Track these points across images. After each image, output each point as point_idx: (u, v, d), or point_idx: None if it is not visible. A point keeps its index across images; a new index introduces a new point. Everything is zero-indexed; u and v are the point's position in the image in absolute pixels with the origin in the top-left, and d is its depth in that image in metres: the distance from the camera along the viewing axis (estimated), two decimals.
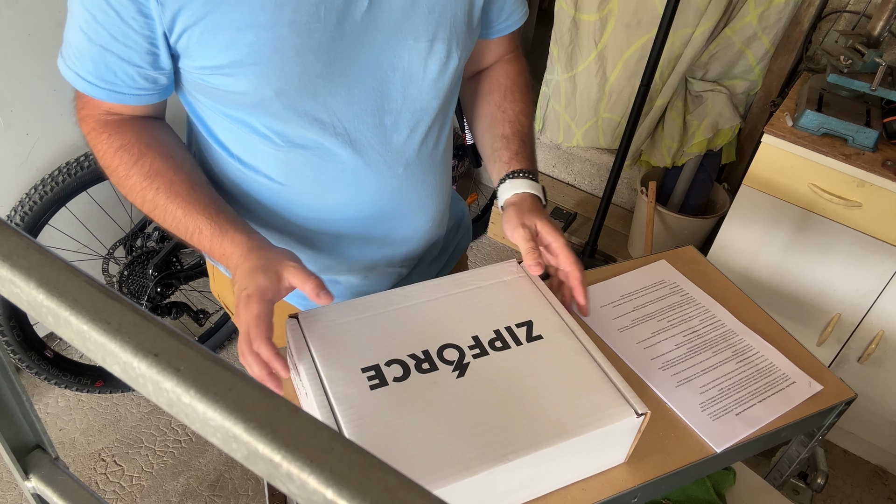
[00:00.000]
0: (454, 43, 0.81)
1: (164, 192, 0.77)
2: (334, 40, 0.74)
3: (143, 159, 0.78)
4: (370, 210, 0.88)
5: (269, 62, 0.72)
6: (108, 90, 0.75)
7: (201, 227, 0.77)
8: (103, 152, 0.79)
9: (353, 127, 0.81)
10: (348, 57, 0.76)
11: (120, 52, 0.71)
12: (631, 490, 0.72)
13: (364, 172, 0.84)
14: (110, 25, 0.69)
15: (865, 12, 1.82)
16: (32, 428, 0.43)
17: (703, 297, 0.97)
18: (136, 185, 0.78)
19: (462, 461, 0.62)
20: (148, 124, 0.81)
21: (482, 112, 0.98)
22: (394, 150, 0.85)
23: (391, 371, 0.70)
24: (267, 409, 0.24)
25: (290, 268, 0.72)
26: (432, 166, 0.91)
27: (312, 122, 0.78)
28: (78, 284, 0.27)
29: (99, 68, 0.72)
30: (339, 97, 0.78)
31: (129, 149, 0.78)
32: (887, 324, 1.68)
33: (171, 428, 1.87)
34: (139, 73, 0.73)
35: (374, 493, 0.21)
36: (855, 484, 1.90)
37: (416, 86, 0.82)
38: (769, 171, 1.66)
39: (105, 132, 0.79)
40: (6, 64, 1.55)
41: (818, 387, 0.86)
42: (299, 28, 0.71)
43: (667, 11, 1.67)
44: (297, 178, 0.84)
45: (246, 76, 0.72)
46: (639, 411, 0.68)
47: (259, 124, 0.79)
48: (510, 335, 0.76)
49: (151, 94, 0.77)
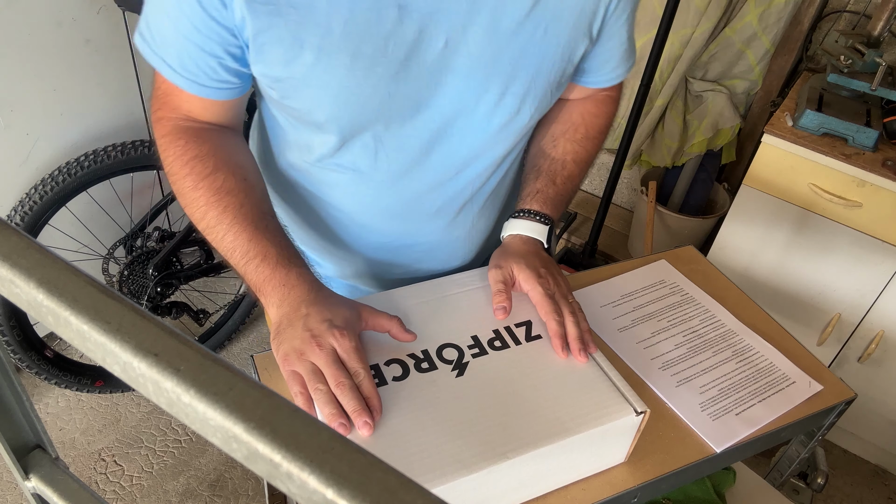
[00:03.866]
0: (529, 99, 0.75)
1: (231, 212, 0.73)
2: (398, 77, 0.69)
3: (217, 174, 0.74)
4: (391, 235, 0.87)
5: (324, 87, 0.69)
6: (191, 80, 0.71)
7: (266, 252, 0.72)
8: (175, 158, 0.75)
9: (395, 158, 0.78)
10: (410, 94, 0.71)
11: (202, 43, 0.68)
12: (631, 490, 0.72)
13: (392, 200, 0.83)
14: (194, 16, 0.66)
15: (865, 12, 1.82)
16: (32, 428, 0.43)
17: (703, 297, 0.97)
18: (201, 198, 0.74)
19: (461, 460, 0.62)
20: (227, 140, 0.78)
21: (536, 137, 0.92)
22: (430, 188, 0.82)
23: (390, 370, 0.70)
24: (267, 409, 0.24)
25: (369, 309, 0.70)
26: (475, 209, 0.88)
27: (356, 146, 0.76)
28: (78, 284, 0.27)
29: (182, 57, 0.69)
30: (391, 129, 0.75)
31: (203, 160, 0.74)
32: (887, 324, 1.68)
33: (171, 428, 1.87)
34: (221, 64, 0.70)
35: (374, 493, 0.21)
36: (855, 484, 1.90)
37: (476, 135, 0.77)
38: (769, 171, 1.66)
39: (182, 139, 0.75)
40: (6, 64, 1.55)
41: (818, 387, 0.86)
42: (363, 59, 0.67)
43: (667, 11, 1.67)
44: (333, 192, 0.84)
45: (300, 95, 0.71)
46: (638, 410, 0.68)
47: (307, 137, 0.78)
48: (509, 335, 0.76)
49: (233, 88, 0.74)
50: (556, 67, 0.75)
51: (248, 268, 0.72)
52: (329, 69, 0.67)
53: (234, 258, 0.73)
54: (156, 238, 1.76)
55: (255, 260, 0.72)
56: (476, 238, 0.93)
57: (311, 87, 0.69)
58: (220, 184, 0.74)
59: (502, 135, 0.79)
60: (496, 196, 0.90)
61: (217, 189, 0.74)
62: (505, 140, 0.80)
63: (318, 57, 0.67)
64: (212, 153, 0.75)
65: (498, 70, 0.72)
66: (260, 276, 0.71)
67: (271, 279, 0.71)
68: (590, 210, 2.52)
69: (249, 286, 0.73)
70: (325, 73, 0.68)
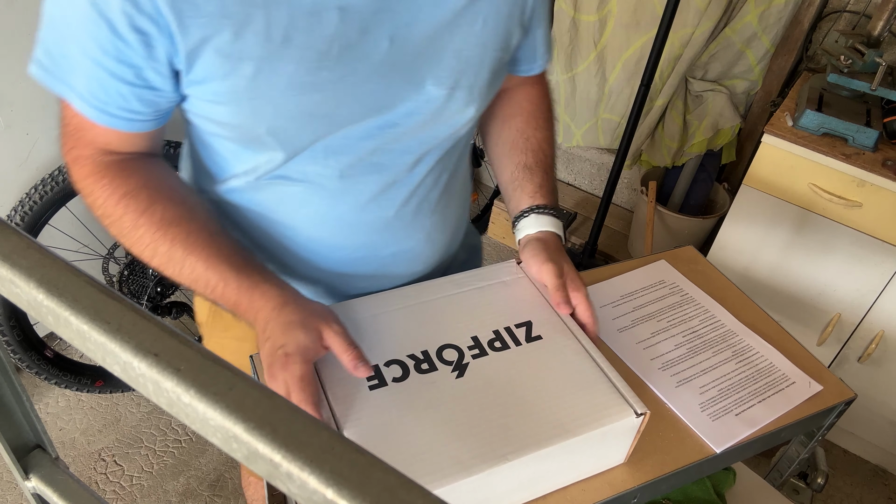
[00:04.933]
0: (476, 91, 0.76)
1: (180, 244, 0.70)
2: (344, 79, 0.67)
3: (154, 206, 0.70)
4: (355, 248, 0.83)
5: (266, 98, 0.65)
6: (102, 111, 0.66)
7: (227, 278, 0.70)
8: (104, 200, 0.70)
9: (346, 162, 0.75)
10: (358, 97, 0.69)
11: (114, 68, 0.63)
12: (630, 490, 0.72)
13: (351, 210, 0.79)
14: (103, 39, 0.61)
15: (865, 12, 1.82)
16: (32, 428, 0.43)
17: (703, 298, 0.97)
18: (145, 235, 0.70)
19: (461, 461, 0.62)
20: (152, 167, 0.74)
21: (503, 136, 0.93)
22: (386, 191, 0.80)
23: (390, 371, 0.70)
24: (267, 409, 0.24)
25: (332, 332, 0.68)
26: (433, 207, 0.86)
27: (306, 160, 0.73)
28: (78, 284, 0.27)
29: (91, 85, 0.64)
30: (339, 135, 0.72)
31: (135, 195, 0.70)
32: (887, 324, 1.68)
33: (171, 428, 1.87)
34: (133, 93, 0.65)
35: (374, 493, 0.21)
36: (855, 484, 1.90)
37: (428, 131, 0.76)
38: (769, 171, 1.66)
39: (106, 177, 0.70)
40: (6, 64, 1.55)
41: (818, 387, 0.86)
42: (307, 64, 0.65)
43: (667, 11, 1.67)
44: (282, 207, 0.79)
45: (241, 110, 0.67)
46: (638, 411, 0.68)
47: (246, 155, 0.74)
48: (509, 335, 0.75)
49: (145, 120, 0.69)
50: (497, 57, 0.76)
51: (215, 295, 0.71)
52: (271, 78, 0.64)
53: (198, 289, 0.71)
54: None
55: (217, 287, 0.70)
56: (437, 240, 0.90)
57: (254, 100, 0.66)
58: (160, 216, 0.70)
59: (452, 128, 0.78)
60: (450, 194, 0.89)
61: (158, 222, 0.70)
62: (455, 133, 0.80)
63: (259, 67, 0.63)
64: (143, 185, 0.71)
65: (444, 64, 0.72)
66: (228, 301, 0.71)
67: (238, 303, 0.70)
68: (590, 210, 2.52)
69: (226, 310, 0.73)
70: (267, 84, 0.65)
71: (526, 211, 0.87)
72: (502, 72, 0.80)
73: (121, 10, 0.59)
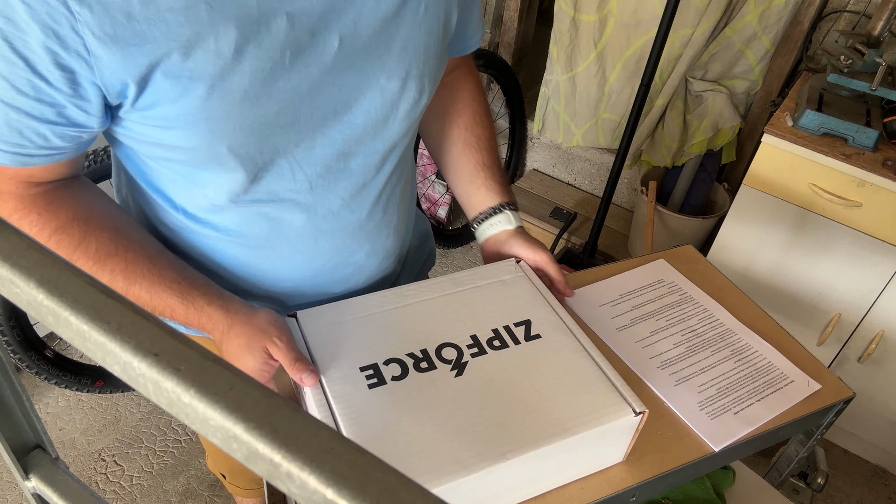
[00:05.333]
0: (426, 79, 0.75)
1: (120, 275, 0.69)
2: (300, 86, 0.66)
3: (87, 239, 0.68)
4: (330, 256, 0.82)
5: (224, 117, 0.63)
6: (15, 154, 0.62)
7: (173, 306, 0.70)
8: (34, 235, 0.67)
9: (314, 173, 0.73)
10: (315, 102, 0.68)
11: (29, 108, 0.59)
12: (629, 489, 0.72)
13: (324, 219, 0.78)
14: (16, 78, 0.57)
15: (865, 12, 1.82)
16: (32, 428, 0.43)
17: (702, 297, 0.97)
18: (84, 267, 0.67)
19: (460, 460, 0.62)
20: (80, 194, 0.71)
21: (453, 135, 0.94)
22: (357, 193, 0.79)
23: (389, 370, 0.70)
24: (267, 408, 0.24)
25: (277, 349, 0.69)
26: (395, 200, 0.86)
27: (270, 175, 0.71)
28: (78, 284, 0.27)
29: (3, 130, 0.60)
30: (302, 146, 0.70)
31: (66, 230, 0.68)
32: (887, 324, 1.68)
33: (171, 428, 1.87)
34: (53, 131, 0.61)
35: (375, 493, 0.21)
36: (855, 484, 1.90)
37: (387, 126, 0.76)
38: (769, 171, 1.66)
39: (33, 212, 0.67)
40: None
41: (816, 386, 0.86)
42: (262, 76, 0.63)
43: (667, 11, 1.67)
44: (249, 230, 0.76)
45: (197, 132, 0.64)
46: (637, 410, 0.69)
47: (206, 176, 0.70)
48: (508, 334, 0.76)
49: (67, 152, 0.65)
50: (441, 41, 0.76)
51: (167, 320, 0.71)
52: (225, 95, 0.62)
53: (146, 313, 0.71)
54: None
55: (165, 313, 0.71)
56: (402, 232, 0.91)
57: (210, 120, 0.63)
58: (94, 249, 0.69)
59: (409, 120, 0.78)
60: (407, 185, 0.91)
61: (94, 256, 0.69)
62: (412, 125, 0.80)
63: (213, 84, 0.61)
64: (73, 218, 0.69)
65: (393, 57, 0.71)
66: (181, 326, 0.73)
67: (191, 325, 0.72)
68: (590, 210, 2.52)
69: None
70: (222, 101, 0.62)
71: (499, 207, 0.91)
72: (445, 56, 0.80)
73: (43, 47, 0.55)
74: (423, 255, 1.07)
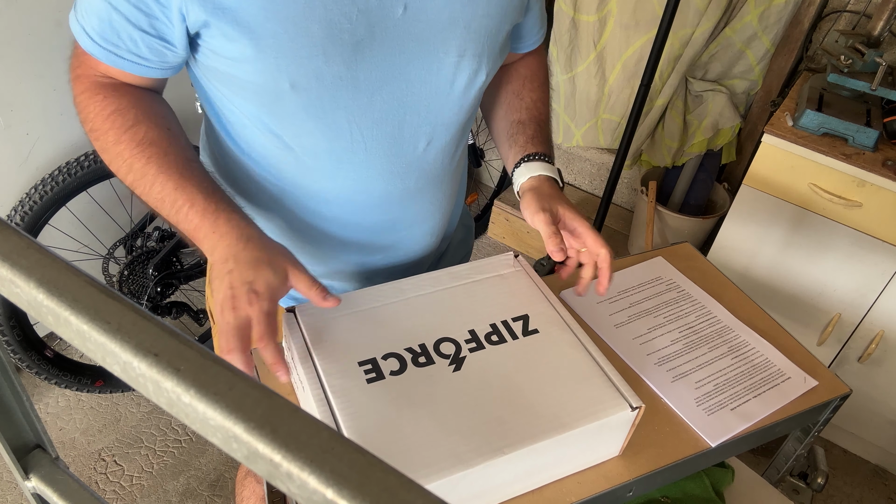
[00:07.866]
0: (484, 60, 0.79)
1: (155, 163, 0.73)
2: (363, 44, 0.71)
3: (138, 126, 0.74)
4: (377, 218, 0.87)
5: (292, 56, 0.69)
6: (107, 51, 0.70)
7: (194, 200, 0.72)
8: (95, 114, 0.74)
9: (370, 135, 0.78)
10: (375, 63, 0.73)
11: (128, 12, 0.67)
12: (626, 483, 0.73)
13: (375, 181, 0.82)
14: None
15: (865, 12, 1.82)
16: (32, 428, 0.43)
17: (699, 294, 0.97)
18: (124, 151, 0.73)
19: (458, 454, 0.62)
20: (146, 94, 0.78)
21: (499, 101, 0.97)
22: (408, 162, 0.83)
23: (388, 365, 0.70)
24: (267, 408, 0.24)
25: (296, 271, 0.70)
26: (445, 179, 0.90)
27: (329, 126, 0.76)
28: (78, 284, 0.27)
29: (104, 26, 0.69)
30: (360, 103, 0.75)
31: (123, 113, 0.74)
32: (887, 323, 1.68)
33: (171, 428, 1.87)
34: (144, 40, 0.69)
35: (375, 493, 0.21)
36: (855, 484, 1.90)
37: (441, 100, 0.79)
38: (769, 171, 1.66)
39: (100, 94, 0.75)
40: (6, 64, 1.55)
41: (813, 382, 0.86)
42: (329, 26, 0.68)
43: (667, 11, 1.67)
44: (305, 180, 0.82)
45: (266, 66, 0.69)
46: (633, 405, 0.69)
47: (272, 122, 0.76)
48: (506, 329, 0.76)
49: (152, 67, 0.73)
50: (503, 30, 0.80)
51: (178, 217, 0.72)
52: (295, 36, 0.67)
53: (163, 209, 0.73)
54: (156, 238, 1.76)
55: (183, 208, 0.72)
56: (447, 212, 0.94)
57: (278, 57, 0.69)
58: (142, 135, 0.73)
59: (464, 98, 0.81)
60: (457, 168, 0.92)
61: (139, 141, 0.73)
62: (466, 103, 0.83)
63: (285, 26, 0.67)
64: (132, 105, 0.75)
65: (455, 34, 0.75)
66: (190, 224, 0.72)
67: (200, 227, 0.71)
68: (590, 210, 2.52)
69: (184, 235, 0.74)
70: (291, 41, 0.68)
71: (517, 164, 0.89)
72: (506, 47, 0.83)
73: None
74: (462, 253, 1.09)
